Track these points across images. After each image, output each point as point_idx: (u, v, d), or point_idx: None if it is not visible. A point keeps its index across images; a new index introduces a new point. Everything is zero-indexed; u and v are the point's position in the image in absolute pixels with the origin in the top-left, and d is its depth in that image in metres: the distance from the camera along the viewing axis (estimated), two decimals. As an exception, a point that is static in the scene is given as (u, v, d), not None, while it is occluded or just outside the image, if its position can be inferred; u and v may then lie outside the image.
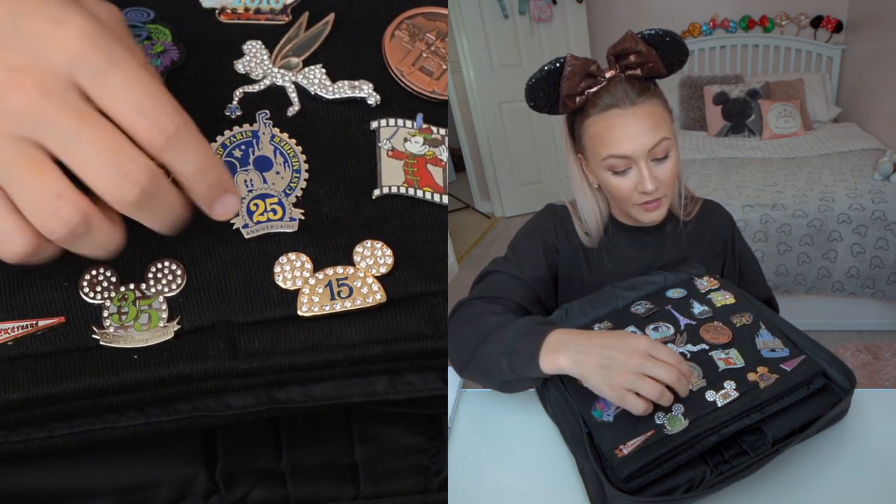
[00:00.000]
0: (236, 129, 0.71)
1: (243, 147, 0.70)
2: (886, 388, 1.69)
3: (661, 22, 3.33)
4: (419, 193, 0.70)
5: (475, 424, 0.68)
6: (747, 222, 1.98)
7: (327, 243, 0.67)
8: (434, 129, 0.73)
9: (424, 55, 0.74)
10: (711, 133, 2.91)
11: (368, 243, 0.67)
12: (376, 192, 0.70)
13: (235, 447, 0.67)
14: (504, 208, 3.55)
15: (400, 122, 0.73)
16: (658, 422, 0.56)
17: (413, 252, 0.67)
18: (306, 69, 0.73)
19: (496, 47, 3.19)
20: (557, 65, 0.75)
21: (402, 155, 0.71)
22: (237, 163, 0.70)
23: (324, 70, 0.74)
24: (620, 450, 0.55)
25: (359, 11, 0.77)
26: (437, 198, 0.70)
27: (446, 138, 0.74)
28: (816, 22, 3.05)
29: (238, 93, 0.73)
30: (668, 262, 0.83)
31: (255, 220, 0.67)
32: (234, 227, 0.67)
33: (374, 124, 0.72)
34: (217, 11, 0.77)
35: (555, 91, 0.76)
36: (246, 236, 0.67)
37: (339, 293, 0.64)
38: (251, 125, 0.72)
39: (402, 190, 0.70)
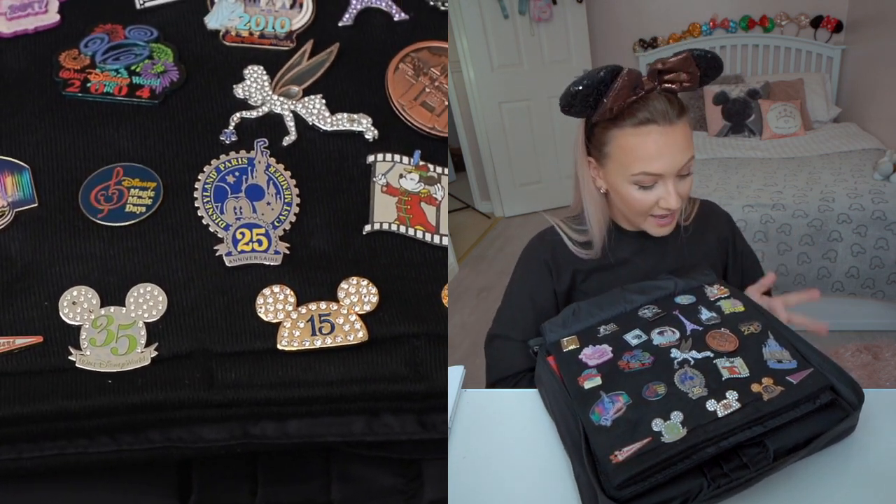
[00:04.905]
0: (232, 154, 0.71)
1: (237, 173, 0.70)
2: (886, 388, 1.69)
3: (660, 22, 3.35)
4: (410, 232, 0.70)
5: (475, 424, 0.68)
6: (747, 222, 1.98)
7: (313, 277, 0.66)
8: (431, 166, 0.72)
9: (427, 90, 0.73)
10: (711, 133, 2.91)
11: (354, 280, 0.66)
12: (367, 228, 0.69)
13: (211, 481, 0.65)
14: (504, 208, 3.55)
15: (396, 157, 0.72)
16: (655, 429, 0.55)
17: (400, 291, 0.67)
18: (306, 98, 0.73)
19: (496, 47, 3.19)
20: (605, 75, 0.71)
21: (397, 191, 0.70)
22: (229, 188, 0.69)
23: (324, 101, 0.73)
24: (616, 456, 0.54)
25: (364, 42, 0.76)
26: (428, 237, 0.70)
27: (444, 177, 0.72)
28: (816, 22, 3.05)
29: (235, 118, 0.72)
30: (679, 268, 0.83)
31: (238, 249, 0.67)
32: (217, 254, 0.66)
33: (371, 158, 0.71)
34: (221, 34, 0.76)
35: (594, 98, 0.73)
36: (228, 264, 0.66)
37: (320, 329, 0.64)
38: (247, 151, 0.71)
39: (394, 227, 0.69)
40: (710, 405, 0.56)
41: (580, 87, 0.72)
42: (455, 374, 0.73)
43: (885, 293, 1.98)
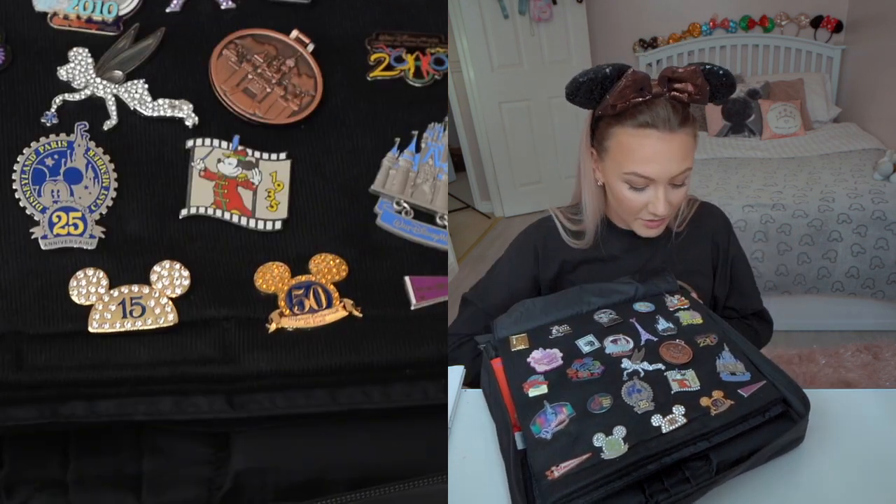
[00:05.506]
0: (52, 136, 0.71)
1: (56, 156, 0.70)
2: (886, 387, 1.69)
3: (660, 22, 3.35)
4: (226, 216, 0.70)
5: (475, 424, 0.68)
6: (747, 222, 1.98)
7: (127, 261, 0.68)
8: (249, 151, 0.73)
9: (250, 77, 0.74)
10: (711, 133, 2.91)
11: (167, 263, 0.67)
12: (183, 212, 0.70)
13: (22, 455, 0.67)
14: (504, 208, 3.55)
15: (216, 142, 0.72)
16: (596, 444, 0.53)
17: (213, 275, 0.68)
18: (129, 83, 0.73)
19: (496, 47, 3.19)
20: (611, 72, 0.73)
21: (214, 176, 0.71)
22: (47, 171, 0.69)
23: (146, 85, 0.73)
24: (552, 472, 0.52)
25: (190, 28, 0.76)
26: (244, 221, 0.70)
27: (262, 161, 0.72)
28: (816, 22, 3.05)
29: (57, 100, 0.72)
30: (643, 271, 0.82)
31: (54, 233, 0.67)
32: (32, 237, 0.67)
33: (190, 143, 0.72)
34: (49, 16, 0.75)
35: (598, 91, 0.75)
36: (43, 247, 0.67)
37: (131, 312, 0.65)
38: (68, 135, 0.71)
39: (210, 211, 0.70)
40: (655, 420, 0.55)
41: (584, 80, 0.74)
42: (455, 373, 0.73)
43: (885, 293, 1.98)
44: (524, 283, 0.90)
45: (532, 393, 0.62)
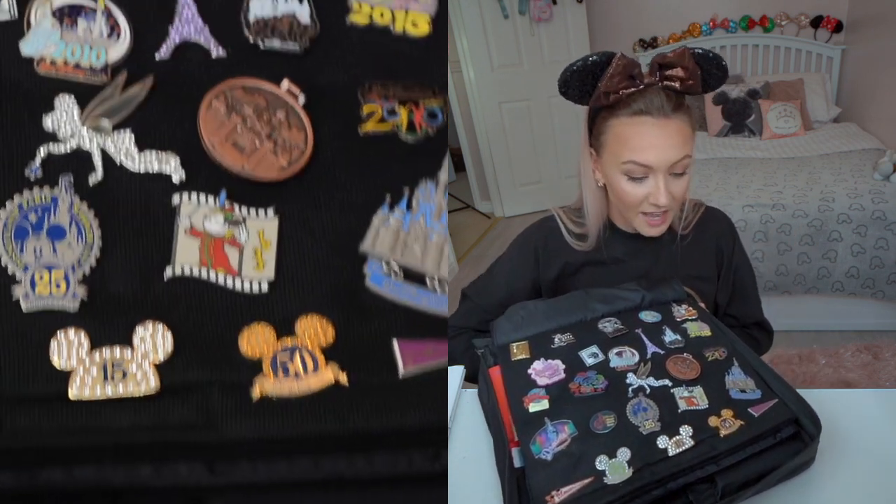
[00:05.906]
0: (36, 190, 0.69)
1: (39, 212, 0.69)
2: (886, 387, 1.69)
3: (660, 22, 3.35)
4: (212, 275, 0.69)
5: (475, 424, 0.68)
6: (747, 222, 1.98)
7: (110, 322, 0.67)
8: (237, 207, 0.71)
9: (239, 130, 0.72)
10: (711, 133, 2.91)
11: (150, 325, 0.67)
12: (168, 272, 0.69)
13: None
14: (504, 208, 3.55)
15: (202, 198, 0.71)
16: (599, 467, 0.51)
17: (197, 337, 0.67)
18: (116, 134, 0.71)
19: (496, 47, 3.19)
20: (598, 59, 0.74)
21: (200, 234, 0.69)
22: (31, 227, 0.68)
23: (133, 136, 0.71)
24: (552, 497, 0.50)
25: (180, 77, 0.74)
26: (230, 281, 0.69)
27: (249, 220, 0.71)
28: (816, 22, 3.05)
29: (41, 152, 0.70)
30: (649, 278, 0.81)
31: (37, 293, 0.66)
32: (14, 299, 0.66)
33: (176, 199, 0.70)
34: (36, 61, 0.73)
35: (589, 83, 0.75)
36: (24, 308, 0.66)
37: (112, 376, 0.65)
38: (52, 188, 0.70)
39: (195, 271, 0.69)
40: (661, 442, 0.53)
41: (575, 68, 0.74)
42: (455, 373, 0.73)
43: (885, 293, 1.98)
44: (523, 283, 0.90)
45: (532, 408, 0.60)
